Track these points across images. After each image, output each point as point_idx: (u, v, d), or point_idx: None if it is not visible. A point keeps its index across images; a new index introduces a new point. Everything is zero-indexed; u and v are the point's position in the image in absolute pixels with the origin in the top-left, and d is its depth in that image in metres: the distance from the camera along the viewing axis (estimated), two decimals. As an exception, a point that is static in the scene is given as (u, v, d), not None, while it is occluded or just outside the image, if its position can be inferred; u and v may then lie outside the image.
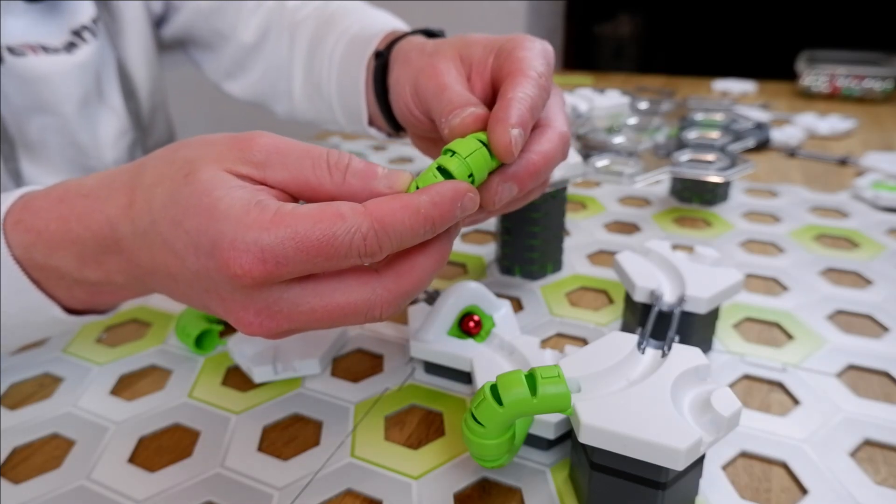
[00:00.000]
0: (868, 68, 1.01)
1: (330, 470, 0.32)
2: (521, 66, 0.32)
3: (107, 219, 0.29)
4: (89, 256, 0.30)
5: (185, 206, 0.25)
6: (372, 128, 0.51)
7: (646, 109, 0.85)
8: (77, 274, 0.31)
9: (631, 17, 2.98)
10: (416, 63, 0.38)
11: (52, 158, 0.56)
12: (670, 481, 0.26)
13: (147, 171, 0.28)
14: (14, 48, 0.51)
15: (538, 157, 0.32)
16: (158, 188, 0.27)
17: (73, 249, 0.30)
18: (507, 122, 0.29)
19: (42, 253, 0.31)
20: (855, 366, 0.39)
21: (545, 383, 0.26)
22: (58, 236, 0.30)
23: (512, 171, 0.31)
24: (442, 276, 0.51)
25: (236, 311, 0.26)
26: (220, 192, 0.25)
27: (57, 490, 0.32)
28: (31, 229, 0.31)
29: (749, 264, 0.51)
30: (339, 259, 0.25)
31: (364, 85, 0.48)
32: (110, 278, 0.31)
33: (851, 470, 0.31)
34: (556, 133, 0.33)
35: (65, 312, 0.33)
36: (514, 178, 0.31)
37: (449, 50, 0.37)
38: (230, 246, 0.24)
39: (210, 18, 0.65)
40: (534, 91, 0.31)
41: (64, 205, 0.30)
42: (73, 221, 0.30)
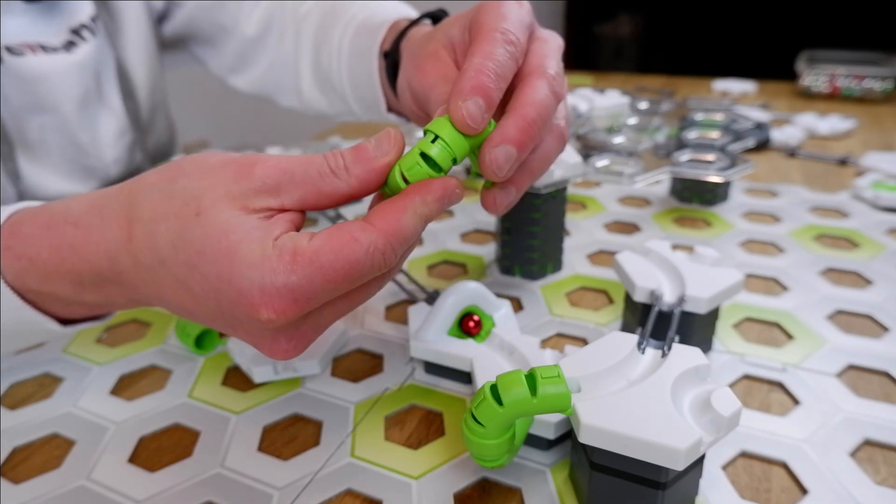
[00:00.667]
0: (868, 68, 1.01)
1: (330, 470, 0.32)
2: (481, 30, 0.31)
3: (104, 252, 0.28)
4: (87, 283, 0.29)
5: (200, 251, 0.25)
6: (391, 114, 0.51)
7: (646, 109, 0.85)
8: (75, 297, 0.30)
9: (631, 17, 2.98)
10: (411, 65, 0.39)
11: (52, 158, 0.56)
12: (670, 481, 0.26)
13: (143, 203, 0.27)
14: (13, 48, 0.51)
15: (526, 108, 0.29)
16: (162, 225, 0.26)
17: (68, 277, 0.29)
18: (459, 96, 0.28)
19: (36, 280, 0.30)
20: (855, 366, 0.39)
21: (545, 383, 0.26)
22: (51, 265, 0.29)
23: (499, 133, 0.29)
24: (442, 276, 0.51)
25: (269, 345, 0.27)
26: (237, 235, 0.24)
27: (57, 490, 0.32)
28: (23, 256, 0.29)
29: (749, 264, 0.51)
30: (361, 279, 0.26)
31: (377, 77, 0.49)
32: (111, 300, 0.30)
33: (851, 470, 0.31)
34: (538, 78, 0.31)
35: (60, 325, 0.32)
36: (504, 139, 0.29)
37: (433, 43, 0.37)
38: (260, 293, 0.24)
39: (212, 12, 0.65)
40: (494, 49, 0.29)
41: (52, 232, 0.29)
42: (65, 251, 0.29)
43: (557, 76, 0.32)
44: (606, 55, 2.98)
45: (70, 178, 0.57)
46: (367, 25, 0.50)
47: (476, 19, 0.33)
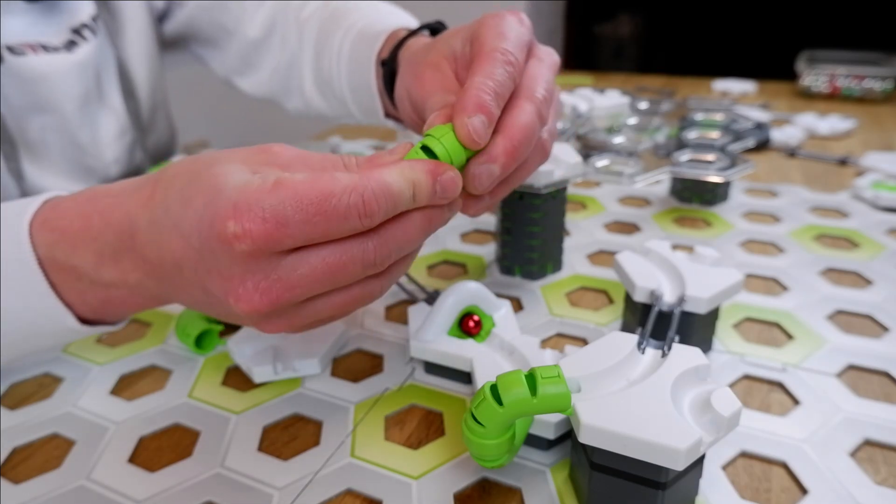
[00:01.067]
0: (868, 68, 1.01)
1: (330, 470, 0.32)
2: (483, 49, 0.33)
3: (126, 212, 0.30)
4: (107, 254, 0.30)
5: (198, 187, 0.26)
6: (389, 119, 0.51)
7: (646, 109, 0.85)
8: (94, 274, 0.31)
9: (631, 17, 2.98)
10: (409, 74, 0.40)
11: (53, 158, 0.56)
12: (670, 481, 0.26)
13: (172, 167, 0.29)
14: (14, 47, 0.51)
15: (513, 130, 0.31)
16: (178, 180, 0.28)
17: (92, 247, 0.31)
18: (464, 112, 0.29)
19: (63, 251, 0.31)
20: (855, 366, 0.39)
21: (545, 383, 0.26)
22: (80, 234, 0.31)
23: (487, 153, 0.31)
24: (442, 276, 0.51)
25: (234, 287, 0.26)
26: (236, 176, 0.26)
27: (57, 490, 0.32)
28: (56, 228, 0.31)
29: (749, 264, 0.51)
30: (337, 220, 0.25)
31: (376, 85, 0.49)
32: (125, 278, 0.31)
33: (851, 470, 0.31)
34: (527, 101, 0.32)
35: (78, 322, 0.33)
36: (490, 159, 0.31)
37: (434, 53, 0.38)
38: (232, 209, 0.24)
39: (213, 13, 0.65)
40: (494, 69, 0.31)
41: (90, 203, 0.31)
42: (95, 217, 0.31)
43: (545, 100, 0.33)
44: (606, 55, 2.98)
45: (71, 178, 0.57)
46: (367, 34, 0.50)
47: (478, 35, 0.34)
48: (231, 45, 0.66)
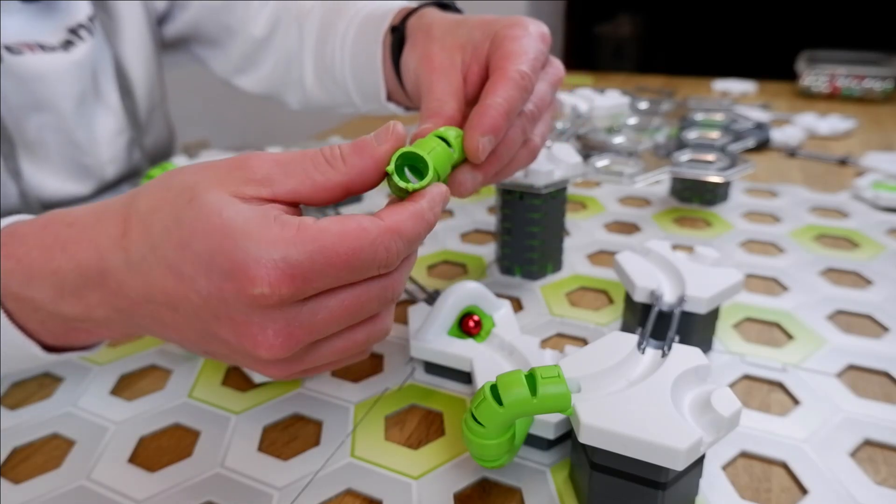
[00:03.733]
0: (868, 68, 1.01)
1: (330, 470, 0.32)
2: (505, 65, 0.34)
3: (95, 248, 0.27)
4: (68, 290, 0.28)
5: (193, 229, 0.24)
6: (391, 103, 0.51)
7: (646, 109, 0.85)
8: (52, 307, 0.29)
9: (631, 17, 2.98)
10: (420, 48, 0.40)
11: (51, 157, 0.56)
12: (670, 481, 0.26)
13: (141, 199, 0.27)
14: (11, 47, 0.51)
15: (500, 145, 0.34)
16: (157, 214, 0.25)
17: (51, 280, 0.28)
18: (478, 130, 0.32)
19: (18, 281, 0.29)
20: (855, 366, 0.39)
21: (545, 383, 0.26)
22: (38, 264, 0.28)
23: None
24: (442, 276, 0.51)
25: (253, 335, 0.25)
26: (230, 211, 0.24)
27: (57, 490, 0.32)
28: (12, 255, 0.29)
29: (749, 264, 0.51)
30: (362, 271, 0.25)
31: (381, 60, 0.49)
32: (89, 314, 0.29)
33: (851, 470, 0.31)
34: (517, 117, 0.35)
35: (44, 351, 0.32)
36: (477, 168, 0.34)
37: (451, 38, 0.39)
38: (255, 264, 0.23)
39: (219, 14, 0.65)
40: (513, 93, 0.33)
41: (47, 232, 0.29)
42: (56, 250, 0.28)
43: (531, 115, 0.36)
44: (606, 55, 2.98)
45: (68, 177, 0.57)
46: (374, 15, 0.51)
47: (503, 45, 0.35)
48: (234, 45, 0.66)
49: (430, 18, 0.42)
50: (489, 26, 0.37)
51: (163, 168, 0.52)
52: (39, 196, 0.56)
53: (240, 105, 1.83)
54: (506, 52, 0.35)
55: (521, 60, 0.34)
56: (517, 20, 0.37)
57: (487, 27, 0.37)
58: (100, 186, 0.60)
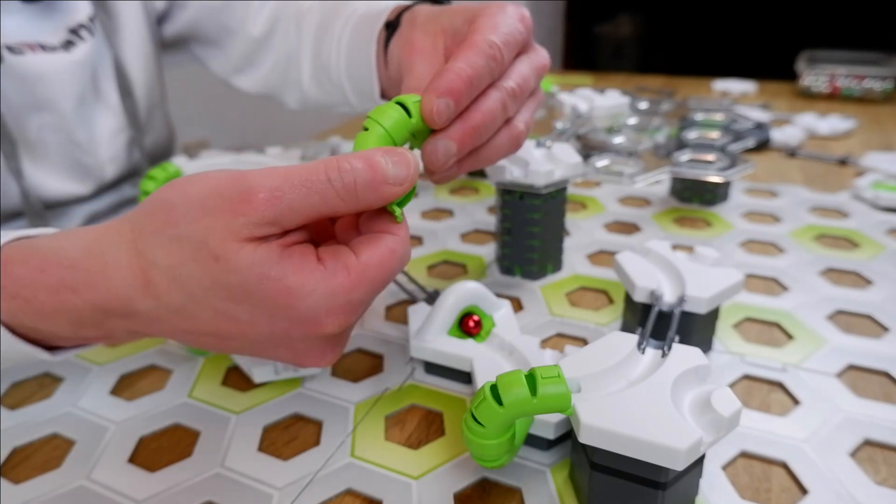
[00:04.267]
0: (868, 68, 1.01)
1: (330, 470, 0.32)
2: (473, 36, 0.33)
3: (116, 296, 0.27)
4: (88, 322, 0.28)
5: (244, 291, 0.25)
6: (384, 100, 0.51)
7: (646, 109, 0.85)
8: (71, 334, 0.30)
9: (631, 17, 2.99)
10: (404, 35, 0.41)
11: (52, 157, 0.56)
12: (670, 481, 0.26)
13: (154, 251, 0.26)
14: (13, 47, 0.51)
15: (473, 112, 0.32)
16: (185, 270, 0.25)
17: (68, 316, 0.28)
18: (434, 92, 0.30)
19: (31, 319, 0.29)
20: (855, 366, 0.39)
21: (545, 383, 0.26)
22: (49, 306, 0.28)
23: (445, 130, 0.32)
24: (442, 276, 0.51)
25: (315, 357, 0.29)
26: (276, 271, 0.25)
27: (57, 490, 0.32)
28: (17, 296, 0.29)
29: (749, 264, 0.51)
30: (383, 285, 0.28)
31: (375, 56, 0.49)
32: (111, 335, 0.30)
33: (851, 470, 0.31)
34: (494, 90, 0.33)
35: (50, 354, 0.32)
36: (447, 136, 0.32)
37: (432, 24, 0.39)
38: (326, 313, 0.26)
39: (218, 14, 0.65)
40: (476, 59, 0.32)
41: (47, 275, 0.28)
42: (66, 293, 0.28)
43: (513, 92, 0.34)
44: (606, 55, 2.98)
45: (69, 176, 0.58)
46: (370, 13, 0.51)
47: (474, 21, 0.35)
48: (234, 45, 0.66)
49: (417, 10, 0.43)
50: (469, 11, 0.37)
51: (163, 168, 0.52)
52: (41, 196, 0.56)
53: (240, 105, 1.83)
54: (476, 26, 0.34)
55: (490, 32, 0.33)
56: (495, 3, 0.36)
57: (467, 12, 0.37)
58: (100, 186, 0.60)
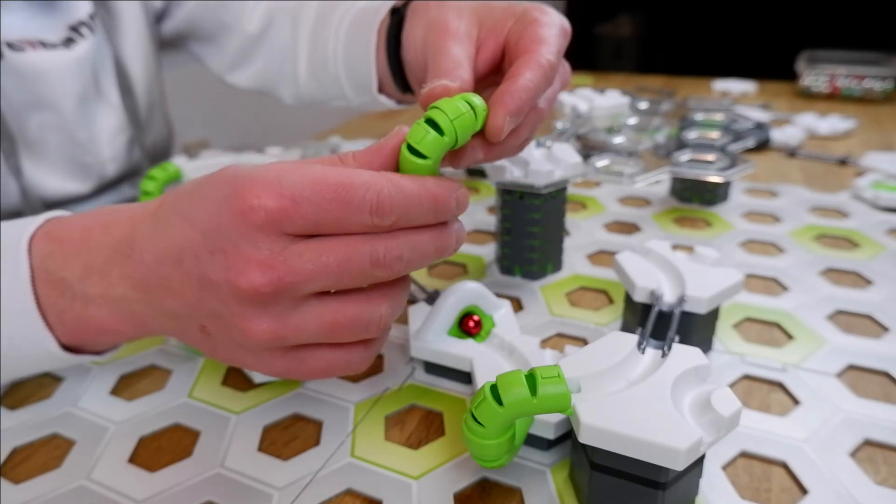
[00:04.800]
0: (868, 68, 1.01)
1: (330, 470, 0.32)
2: (536, 50, 0.33)
3: (129, 219, 0.30)
4: (96, 266, 0.30)
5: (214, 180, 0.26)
6: (382, 95, 0.51)
7: (646, 109, 0.85)
8: (78, 286, 0.30)
9: (631, 17, 2.98)
10: (432, 13, 0.39)
11: (52, 156, 0.56)
12: (670, 481, 0.26)
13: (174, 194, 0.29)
14: (13, 43, 0.51)
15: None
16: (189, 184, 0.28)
17: (85, 257, 0.30)
18: (506, 108, 0.30)
19: (56, 262, 0.31)
20: (855, 366, 0.39)
21: (545, 383, 0.26)
22: (76, 244, 0.31)
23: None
24: (442, 276, 0.51)
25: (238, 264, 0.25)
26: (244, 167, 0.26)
27: (57, 490, 0.32)
28: (55, 239, 0.31)
29: (749, 264, 0.51)
30: (350, 210, 0.25)
31: (374, 48, 0.49)
32: (109, 292, 0.30)
33: (851, 470, 0.31)
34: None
35: (58, 345, 0.32)
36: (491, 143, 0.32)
37: (468, 9, 0.38)
38: (251, 184, 0.25)
39: (215, 11, 0.65)
40: (539, 79, 0.32)
41: (94, 217, 0.31)
42: (96, 229, 0.30)
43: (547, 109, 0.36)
44: (606, 55, 2.98)
45: (69, 175, 0.57)
46: (370, 6, 0.51)
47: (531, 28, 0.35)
48: (230, 42, 0.66)
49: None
50: (511, 7, 0.37)
51: (163, 168, 0.52)
52: (41, 194, 0.56)
53: (240, 105, 1.83)
54: (537, 37, 0.34)
55: (550, 49, 0.34)
56: (543, 6, 0.36)
57: (509, 7, 0.37)
58: (100, 185, 0.60)
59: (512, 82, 0.32)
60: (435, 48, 0.36)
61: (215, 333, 0.28)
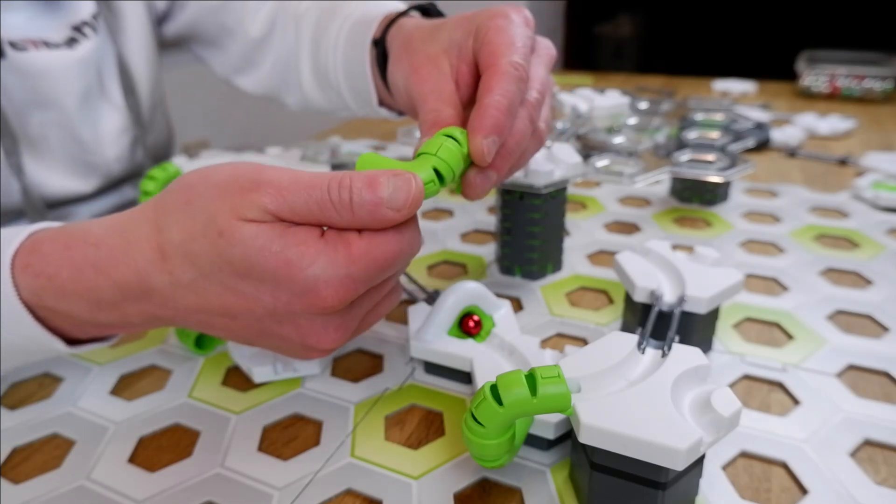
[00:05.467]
0: (868, 68, 1.01)
1: (330, 470, 0.32)
2: (496, 60, 0.33)
3: (134, 271, 0.29)
4: (106, 303, 0.30)
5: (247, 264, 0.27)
6: (383, 108, 0.51)
7: (646, 109, 0.85)
8: (88, 317, 0.30)
9: (631, 17, 2.99)
10: (405, 62, 0.39)
11: (54, 154, 0.56)
12: (670, 481, 0.26)
13: (171, 228, 0.28)
14: (16, 43, 0.51)
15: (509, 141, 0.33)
16: (195, 245, 0.27)
17: (87, 296, 0.30)
18: (480, 132, 0.31)
19: (52, 298, 0.30)
20: (855, 366, 0.39)
21: (545, 383, 0.26)
22: (71, 283, 0.30)
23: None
24: (442, 276, 0.51)
25: (318, 334, 0.29)
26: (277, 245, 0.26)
27: (57, 490, 0.32)
28: (41, 274, 0.30)
29: (749, 264, 0.51)
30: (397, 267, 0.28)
31: (370, 67, 0.49)
32: (126, 321, 0.30)
33: (851, 470, 0.31)
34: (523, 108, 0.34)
35: (67, 346, 0.33)
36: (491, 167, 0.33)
37: (432, 45, 0.38)
38: (325, 285, 0.26)
39: (217, 14, 0.65)
40: (509, 87, 0.32)
41: (72, 252, 0.30)
42: (88, 270, 0.29)
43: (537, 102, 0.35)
44: (606, 55, 2.98)
45: (72, 174, 0.57)
46: (363, 21, 0.51)
47: (487, 39, 0.34)
48: (233, 45, 0.66)
49: (407, 29, 0.42)
50: (469, 22, 0.36)
51: (163, 168, 0.52)
52: (42, 193, 0.56)
53: (240, 105, 1.83)
54: (493, 48, 0.34)
55: (510, 51, 0.33)
56: (496, 10, 0.36)
57: (468, 24, 0.36)
58: (103, 184, 0.60)
59: (480, 103, 0.32)
60: (418, 100, 0.36)
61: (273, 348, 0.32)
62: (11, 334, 0.31)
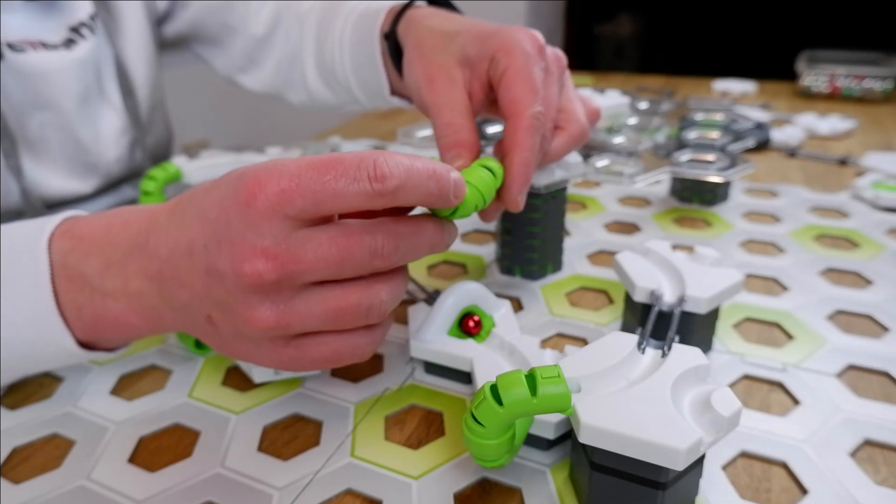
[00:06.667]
0: (868, 68, 1.01)
1: (330, 470, 0.32)
2: (519, 110, 0.35)
3: (147, 216, 0.31)
4: (116, 260, 0.31)
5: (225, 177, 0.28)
6: (395, 97, 0.52)
7: (646, 109, 0.85)
8: (98, 281, 0.31)
9: (631, 17, 2.99)
10: (418, 67, 0.40)
11: (53, 155, 0.56)
12: (670, 481, 0.26)
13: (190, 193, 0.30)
14: (14, 44, 0.51)
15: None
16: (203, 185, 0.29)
17: (105, 253, 0.31)
18: (515, 189, 0.35)
19: (76, 257, 0.32)
20: (855, 366, 0.39)
21: (545, 383, 0.26)
22: (97, 240, 0.32)
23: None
24: (442, 276, 0.51)
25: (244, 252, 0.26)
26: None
27: (57, 490, 0.32)
28: (76, 235, 0.32)
29: (749, 264, 0.51)
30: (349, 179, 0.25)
31: (380, 60, 0.49)
32: (126, 286, 0.31)
33: (851, 470, 0.31)
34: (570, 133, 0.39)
35: (75, 342, 0.33)
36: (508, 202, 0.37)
37: (445, 55, 0.39)
38: (253, 172, 0.26)
39: (219, 13, 0.65)
40: (535, 140, 0.35)
41: (115, 214, 0.33)
42: (116, 225, 0.32)
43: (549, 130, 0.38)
44: (606, 55, 2.98)
45: (71, 175, 0.57)
46: (367, 13, 0.51)
47: (507, 83, 0.36)
48: (236, 44, 0.66)
49: (418, 29, 0.42)
50: (483, 44, 0.38)
51: (163, 168, 0.52)
52: (41, 194, 0.56)
53: (240, 105, 1.83)
54: (515, 95, 0.35)
55: (532, 100, 0.35)
56: (511, 41, 0.37)
57: (481, 45, 0.38)
58: (102, 185, 0.60)
59: (510, 158, 0.35)
60: (433, 110, 0.38)
61: (221, 325, 0.29)
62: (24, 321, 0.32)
